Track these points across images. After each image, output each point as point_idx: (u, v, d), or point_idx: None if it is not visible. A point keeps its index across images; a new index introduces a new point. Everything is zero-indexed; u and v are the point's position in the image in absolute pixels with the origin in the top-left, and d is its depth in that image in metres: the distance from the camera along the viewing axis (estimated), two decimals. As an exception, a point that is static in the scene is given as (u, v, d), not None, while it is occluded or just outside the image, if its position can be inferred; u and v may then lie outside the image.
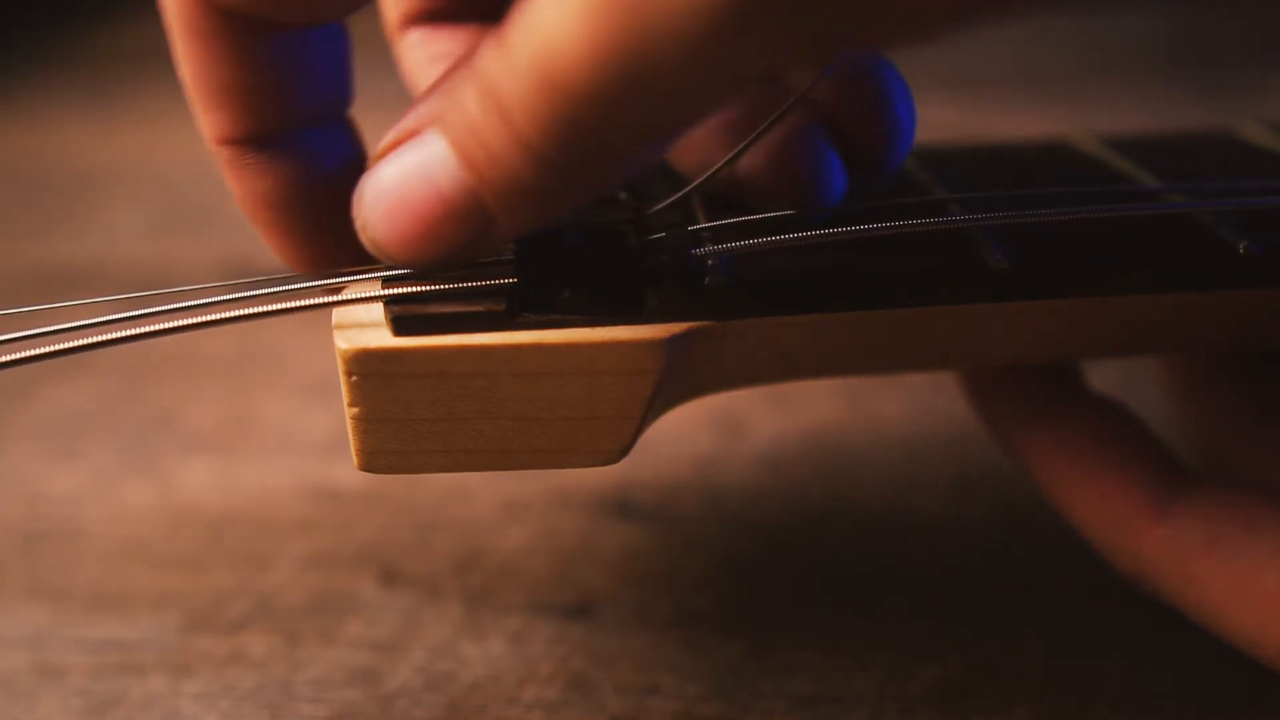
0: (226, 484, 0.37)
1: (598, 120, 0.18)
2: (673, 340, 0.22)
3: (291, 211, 0.25)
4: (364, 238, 0.21)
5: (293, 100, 0.24)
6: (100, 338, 0.22)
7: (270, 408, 0.41)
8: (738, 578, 0.32)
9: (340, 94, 0.25)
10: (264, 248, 0.25)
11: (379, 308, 0.22)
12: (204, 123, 0.24)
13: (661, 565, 0.33)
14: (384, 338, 0.22)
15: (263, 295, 0.23)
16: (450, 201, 0.20)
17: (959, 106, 0.63)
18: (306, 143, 0.24)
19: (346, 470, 0.37)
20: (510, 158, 0.19)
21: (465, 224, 0.20)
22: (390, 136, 0.21)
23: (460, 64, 0.20)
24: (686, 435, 0.38)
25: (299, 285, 0.23)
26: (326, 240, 0.25)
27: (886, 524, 0.34)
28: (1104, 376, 0.29)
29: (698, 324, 0.23)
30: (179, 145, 0.56)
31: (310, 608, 0.31)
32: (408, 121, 0.20)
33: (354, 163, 0.25)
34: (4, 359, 0.22)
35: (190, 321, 0.22)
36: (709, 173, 0.24)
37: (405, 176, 0.20)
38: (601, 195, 0.21)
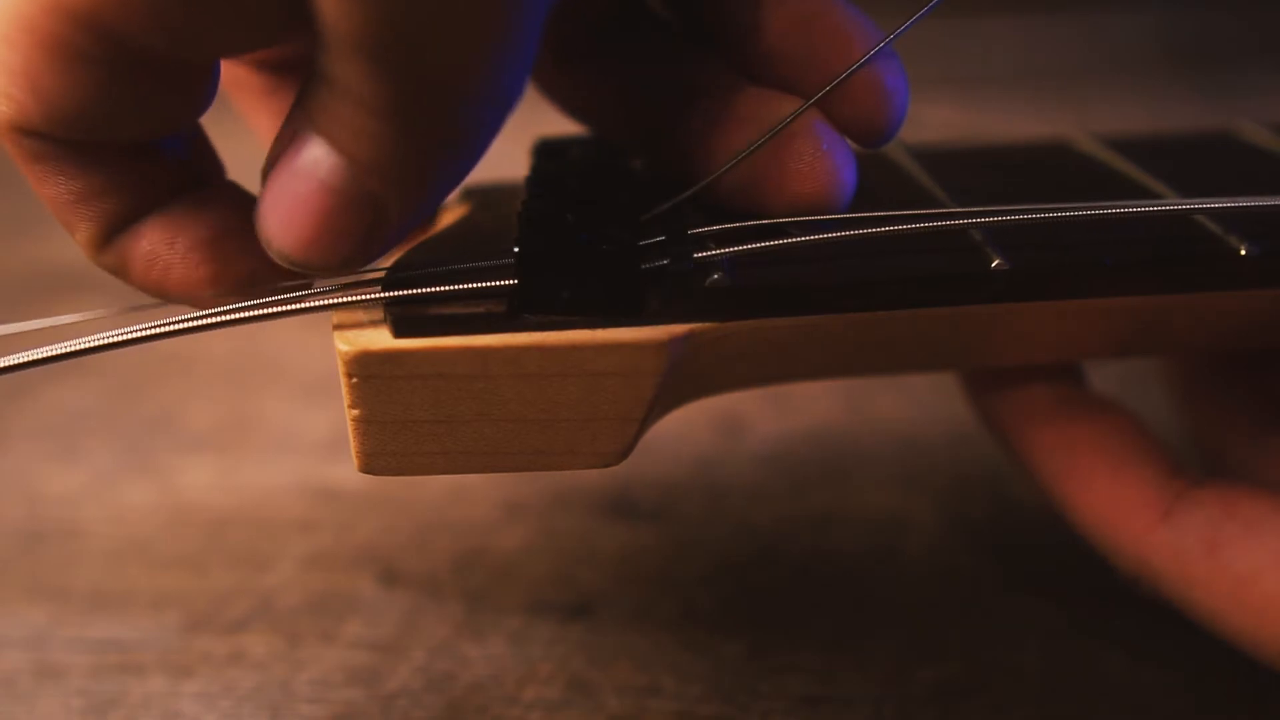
0: (226, 484, 0.37)
1: (408, 58, 0.19)
2: (674, 342, 0.22)
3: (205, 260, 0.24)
4: (270, 252, 0.21)
5: (156, 178, 0.23)
6: (101, 341, 0.22)
7: (270, 408, 0.41)
8: (738, 578, 0.32)
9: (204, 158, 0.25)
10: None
11: (379, 309, 0.22)
12: (80, 240, 0.24)
13: (661, 565, 0.33)
14: (384, 339, 0.22)
15: (264, 299, 0.23)
16: (337, 190, 0.20)
17: (959, 106, 0.63)
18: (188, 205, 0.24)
19: (346, 470, 0.37)
20: (371, 127, 0.19)
21: (358, 210, 0.21)
22: (270, 154, 0.21)
23: (306, 79, 0.21)
24: (686, 435, 0.38)
25: (300, 290, 0.23)
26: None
27: (886, 524, 0.34)
28: (1104, 376, 0.29)
29: (699, 325, 0.23)
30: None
31: (310, 608, 0.31)
32: (281, 135, 0.21)
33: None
34: (4, 363, 0.22)
35: (192, 324, 0.22)
36: (711, 176, 0.24)
37: (292, 180, 0.21)
38: (468, 154, 0.21)
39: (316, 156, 0.20)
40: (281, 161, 0.21)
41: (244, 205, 0.24)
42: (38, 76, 0.20)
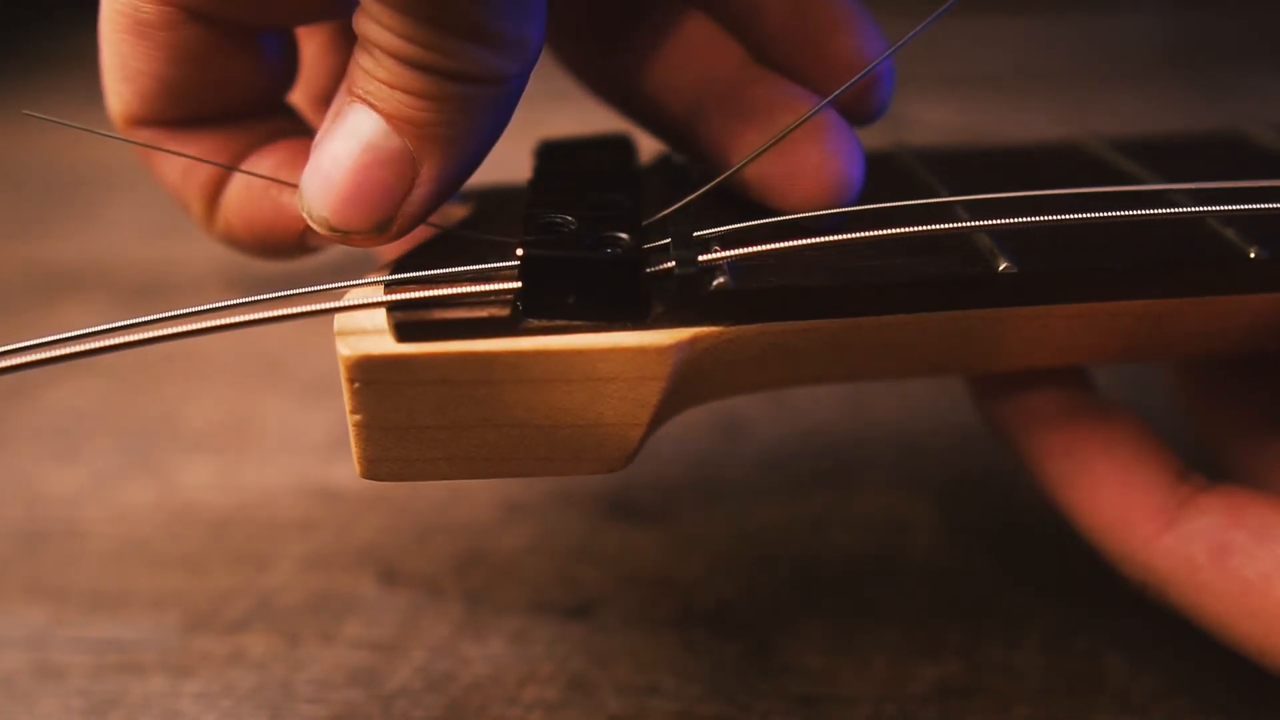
0: (226, 484, 0.37)
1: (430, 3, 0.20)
2: (679, 346, 0.22)
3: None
4: (313, 221, 0.22)
5: (241, 140, 0.26)
6: (104, 343, 0.22)
7: (270, 408, 0.41)
8: (738, 578, 0.32)
9: (273, 86, 0.26)
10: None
11: (382, 313, 0.22)
12: (196, 216, 0.26)
13: (661, 565, 0.33)
14: (387, 344, 0.21)
15: (265, 300, 0.23)
16: (374, 146, 0.22)
17: (960, 107, 0.63)
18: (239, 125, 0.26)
19: (346, 470, 0.37)
20: (403, 79, 0.21)
21: (394, 165, 0.22)
22: (316, 139, 0.23)
23: (346, 77, 0.22)
24: (686, 435, 0.38)
25: (302, 291, 0.23)
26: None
27: (886, 524, 0.34)
28: (1108, 379, 0.29)
29: (704, 329, 0.22)
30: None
31: (310, 608, 0.31)
32: (326, 119, 0.22)
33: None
34: (6, 364, 0.22)
35: (194, 327, 0.22)
36: (717, 180, 0.24)
37: (331, 145, 0.22)
38: (494, 109, 0.22)
39: (356, 120, 0.22)
40: (323, 132, 0.22)
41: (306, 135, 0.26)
42: (126, 61, 0.24)
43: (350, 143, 0.22)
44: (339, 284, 0.23)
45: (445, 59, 0.21)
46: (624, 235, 0.22)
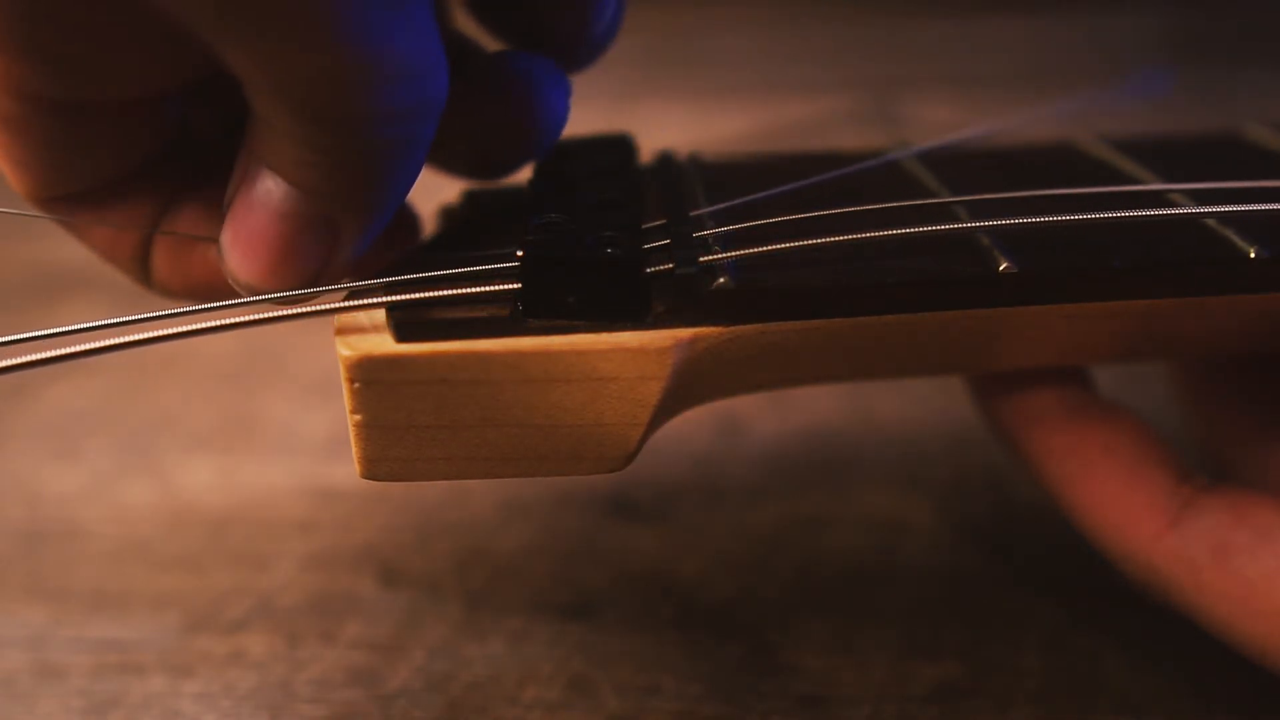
0: (227, 484, 0.37)
1: (311, 97, 0.19)
2: (679, 346, 0.22)
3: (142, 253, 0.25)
4: (238, 287, 0.22)
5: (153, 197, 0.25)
6: (103, 343, 0.22)
7: (270, 408, 0.41)
8: (738, 578, 0.32)
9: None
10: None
11: (382, 313, 0.22)
12: (136, 278, 0.26)
13: (661, 565, 0.33)
14: (387, 344, 0.22)
15: (265, 300, 0.23)
16: (291, 216, 0.21)
17: (959, 107, 0.63)
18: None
19: (346, 470, 0.37)
20: (307, 156, 0.21)
21: (314, 233, 0.22)
22: (227, 194, 0.22)
23: (249, 119, 0.22)
24: (686, 435, 0.38)
25: (302, 291, 0.23)
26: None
27: (886, 524, 0.34)
28: (1109, 378, 0.29)
29: (704, 329, 0.22)
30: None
31: (310, 608, 0.31)
32: (235, 174, 0.22)
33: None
34: (5, 363, 0.22)
35: (194, 327, 0.22)
36: (734, 200, 0.24)
37: (248, 215, 0.22)
38: (405, 165, 0.21)
39: (268, 188, 0.21)
40: (237, 198, 0.22)
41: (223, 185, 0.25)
42: (9, 150, 0.22)
43: (265, 214, 0.21)
44: (339, 284, 0.23)
45: (353, 143, 0.20)
46: (624, 235, 0.22)
